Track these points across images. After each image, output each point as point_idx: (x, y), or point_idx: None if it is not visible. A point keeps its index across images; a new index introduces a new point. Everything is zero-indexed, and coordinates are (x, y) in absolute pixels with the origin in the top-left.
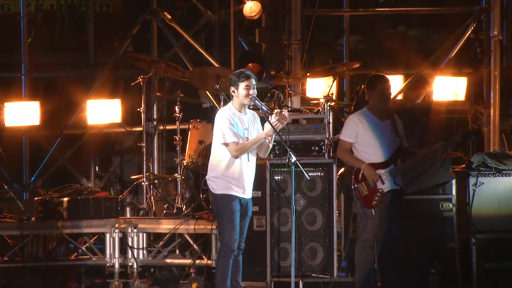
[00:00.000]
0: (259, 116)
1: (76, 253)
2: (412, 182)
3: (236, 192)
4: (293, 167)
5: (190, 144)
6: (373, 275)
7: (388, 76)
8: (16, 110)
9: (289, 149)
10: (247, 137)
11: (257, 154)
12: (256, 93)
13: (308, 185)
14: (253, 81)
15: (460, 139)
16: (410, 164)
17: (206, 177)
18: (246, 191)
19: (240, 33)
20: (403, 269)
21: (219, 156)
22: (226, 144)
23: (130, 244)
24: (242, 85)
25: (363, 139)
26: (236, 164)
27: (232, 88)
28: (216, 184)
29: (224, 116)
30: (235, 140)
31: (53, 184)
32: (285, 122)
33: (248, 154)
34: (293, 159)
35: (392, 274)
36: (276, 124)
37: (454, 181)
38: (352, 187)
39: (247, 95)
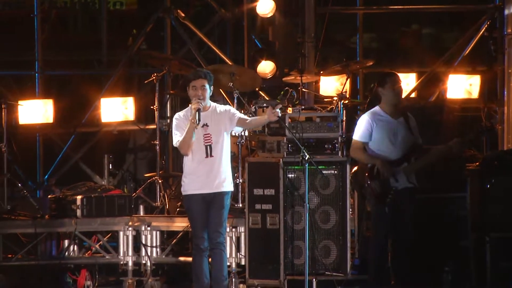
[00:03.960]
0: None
1: (89, 251)
2: (426, 180)
3: (196, 190)
4: (306, 165)
5: None
6: (387, 273)
7: (401, 74)
8: (30, 108)
9: (302, 147)
10: (207, 133)
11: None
12: (210, 93)
13: (322, 183)
14: (202, 82)
15: (474, 136)
16: (424, 161)
17: None
18: (209, 187)
19: (254, 30)
20: (417, 267)
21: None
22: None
23: (143, 242)
24: (190, 85)
25: (376, 138)
26: (194, 163)
27: (187, 89)
28: (182, 185)
29: (173, 119)
30: (178, 140)
31: (67, 182)
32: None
33: (208, 150)
34: (307, 156)
35: (406, 273)
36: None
37: (468, 179)
38: (366, 184)
39: (193, 95)
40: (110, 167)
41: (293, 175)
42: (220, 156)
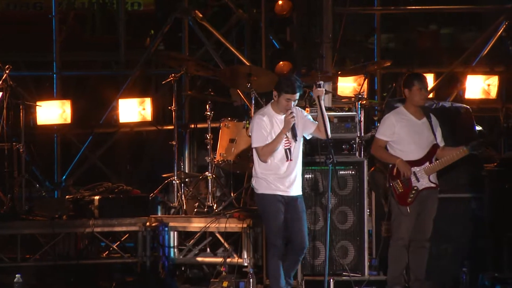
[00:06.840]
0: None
1: (107, 252)
2: (443, 180)
3: (278, 191)
4: (330, 166)
5: (221, 142)
6: (405, 273)
7: None
8: (47, 109)
9: (330, 148)
10: (286, 137)
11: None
12: (293, 106)
13: (339, 184)
14: (296, 96)
15: (496, 137)
16: (445, 162)
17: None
18: (289, 189)
19: (271, 31)
20: (435, 267)
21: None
22: (254, 149)
23: (161, 242)
24: (284, 96)
25: (399, 138)
26: (276, 165)
27: (275, 93)
28: (259, 185)
29: (256, 118)
30: (259, 145)
31: (85, 183)
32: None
33: (287, 154)
34: (332, 158)
35: (424, 272)
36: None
37: (486, 179)
38: (387, 184)
39: (286, 107)
40: (128, 168)
41: (310, 176)
42: (297, 160)
